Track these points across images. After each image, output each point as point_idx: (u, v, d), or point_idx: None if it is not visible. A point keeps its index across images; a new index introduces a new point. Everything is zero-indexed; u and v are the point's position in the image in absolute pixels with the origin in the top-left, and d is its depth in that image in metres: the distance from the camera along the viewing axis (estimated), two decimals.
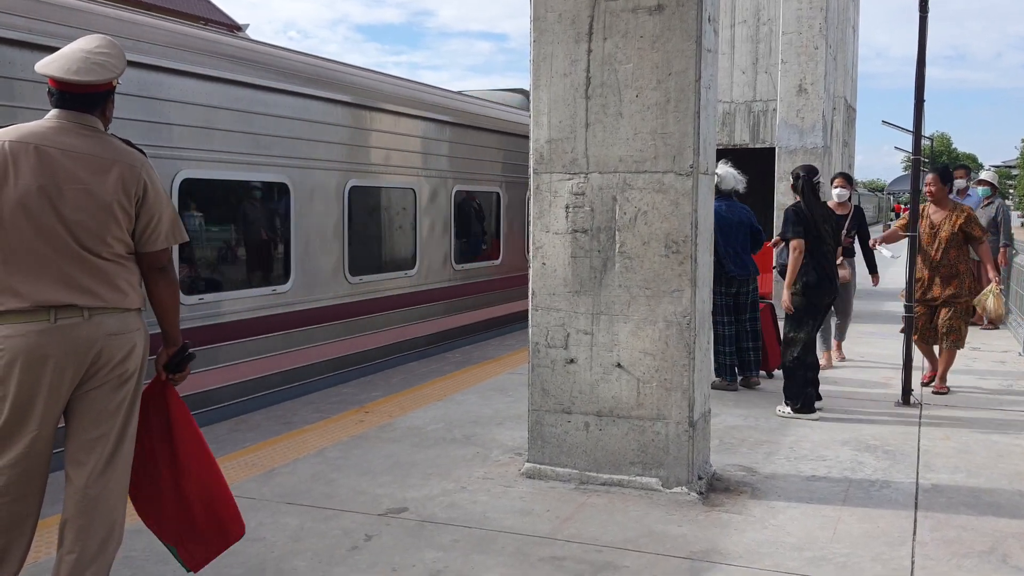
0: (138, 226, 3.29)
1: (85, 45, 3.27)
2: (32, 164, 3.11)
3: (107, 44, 3.30)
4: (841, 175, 8.92)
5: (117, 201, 3.20)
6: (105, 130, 3.31)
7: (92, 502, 3.21)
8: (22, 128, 3.18)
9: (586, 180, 4.90)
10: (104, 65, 3.24)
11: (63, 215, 3.13)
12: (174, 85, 6.42)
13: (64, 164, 3.14)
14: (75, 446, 3.23)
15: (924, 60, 7.20)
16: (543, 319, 5.04)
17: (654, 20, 4.71)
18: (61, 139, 3.17)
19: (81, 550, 3.20)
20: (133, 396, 3.31)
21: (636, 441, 4.88)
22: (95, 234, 3.17)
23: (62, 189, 3.13)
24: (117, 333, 3.21)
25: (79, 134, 3.21)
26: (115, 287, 3.21)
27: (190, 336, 4.03)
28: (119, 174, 3.21)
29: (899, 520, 4.51)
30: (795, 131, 12.12)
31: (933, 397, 7.32)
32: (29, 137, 3.15)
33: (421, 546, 4.12)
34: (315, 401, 7.22)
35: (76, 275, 3.14)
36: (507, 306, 11.49)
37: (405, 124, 9.12)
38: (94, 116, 3.27)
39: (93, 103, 3.26)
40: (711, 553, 4.05)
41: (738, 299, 7.67)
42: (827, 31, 12.03)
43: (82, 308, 3.14)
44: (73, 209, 3.14)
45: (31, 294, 3.09)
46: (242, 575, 3.80)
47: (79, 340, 3.14)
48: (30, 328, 3.09)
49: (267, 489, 4.89)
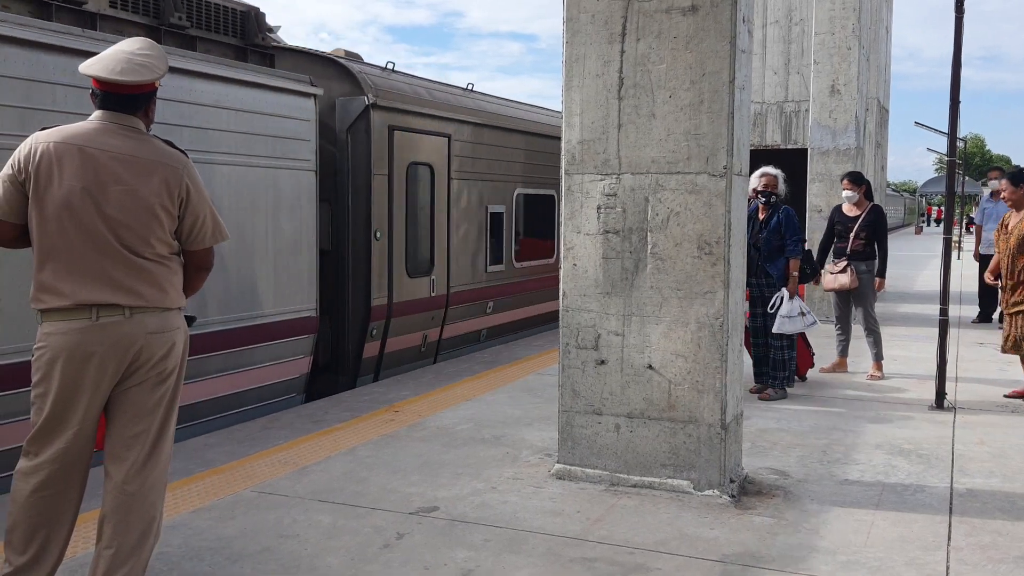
0: (183, 227, 3.35)
1: (128, 47, 3.33)
2: (76, 165, 3.16)
3: (149, 46, 3.36)
4: (847, 176, 8.61)
5: (160, 202, 3.25)
6: (147, 131, 3.36)
7: (130, 498, 3.26)
8: (66, 129, 3.23)
9: (618, 181, 4.90)
10: (147, 66, 3.29)
11: (106, 215, 3.18)
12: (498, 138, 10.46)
13: (108, 165, 3.19)
14: (114, 442, 3.28)
15: (960, 61, 7.12)
16: (574, 320, 5.04)
17: (688, 21, 4.70)
18: (105, 140, 3.22)
19: (119, 546, 3.25)
20: (172, 394, 3.36)
21: (667, 443, 4.87)
22: (137, 234, 3.22)
23: (106, 190, 3.18)
24: (157, 331, 3.26)
25: (122, 135, 3.26)
26: (157, 286, 3.26)
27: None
28: (162, 176, 3.26)
29: (933, 525, 4.46)
30: (828, 132, 12.03)
31: (967, 401, 7.22)
32: (73, 138, 3.20)
33: (452, 545, 4.14)
34: (346, 400, 7.27)
35: (118, 274, 3.19)
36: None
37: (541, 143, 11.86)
38: (136, 117, 3.32)
39: (136, 104, 3.31)
40: (743, 556, 4.03)
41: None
42: (860, 31, 11.93)
43: (124, 307, 3.19)
44: (116, 209, 3.19)
45: (73, 293, 3.15)
46: (276, 571, 3.83)
47: (120, 338, 3.19)
48: (72, 326, 3.15)
49: (300, 487, 4.93)
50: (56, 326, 3.16)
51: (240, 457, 5.54)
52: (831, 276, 8.34)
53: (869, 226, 8.29)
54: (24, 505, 3.20)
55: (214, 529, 4.29)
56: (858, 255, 8.28)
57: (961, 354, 9.29)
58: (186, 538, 4.17)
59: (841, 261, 8.31)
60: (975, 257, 12.47)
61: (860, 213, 8.35)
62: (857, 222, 8.31)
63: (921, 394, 7.39)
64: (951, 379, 7.58)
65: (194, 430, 6.32)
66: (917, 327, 11.11)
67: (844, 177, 8.62)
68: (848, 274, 8.21)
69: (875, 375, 8.19)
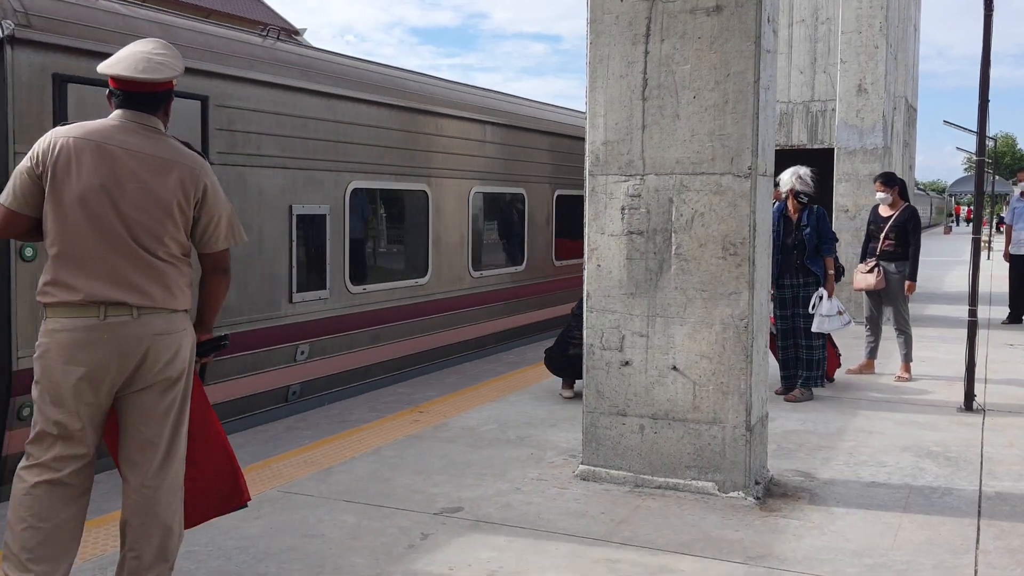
0: (197, 228, 3.35)
1: (143, 47, 3.35)
2: (95, 161, 3.17)
3: (163, 45, 3.39)
4: (879, 177, 8.52)
5: (176, 201, 3.25)
6: (165, 130, 3.38)
7: (148, 502, 3.25)
8: (86, 126, 3.25)
9: (642, 182, 4.89)
10: (166, 65, 3.31)
11: (122, 212, 3.18)
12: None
13: (126, 163, 3.20)
14: (128, 446, 3.28)
15: (989, 59, 7.04)
16: (598, 321, 5.04)
17: (712, 21, 4.68)
18: (123, 138, 3.24)
19: (141, 550, 3.25)
20: (183, 398, 3.34)
21: (692, 444, 4.85)
22: (152, 233, 3.22)
23: (123, 187, 3.18)
24: (164, 333, 3.24)
25: (142, 134, 3.28)
26: (166, 287, 3.25)
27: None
28: (179, 175, 3.27)
29: (961, 528, 4.42)
30: (855, 131, 11.93)
31: (996, 403, 7.15)
32: (92, 135, 3.21)
33: (476, 546, 4.15)
34: (371, 400, 7.30)
35: (129, 273, 3.18)
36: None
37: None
38: (155, 117, 3.34)
39: (156, 103, 3.33)
40: (768, 558, 4.01)
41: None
42: (887, 30, 11.82)
43: (132, 306, 3.17)
44: (132, 207, 3.19)
45: (84, 288, 3.13)
46: (301, 570, 3.86)
47: (127, 338, 3.17)
48: (78, 323, 3.13)
49: (325, 487, 4.96)
50: (61, 323, 3.14)
51: (266, 457, 5.58)
52: (860, 276, 8.28)
53: (899, 226, 8.18)
54: (26, 513, 3.14)
55: (240, 528, 4.33)
56: (888, 255, 8.19)
57: (991, 355, 9.19)
58: (212, 537, 4.21)
59: (870, 261, 8.25)
60: (1005, 257, 12.32)
61: (893, 213, 8.28)
62: (888, 223, 8.24)
63: (949, 396, 7.32)
64: (980, 381, 7.50)
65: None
66: (946, 328, 11.00)
67: (877, 179, 8.53)
68: (875, 274, 8.13)
69: (903, 376, 8.11)
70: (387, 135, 8.10)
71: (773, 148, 5.09)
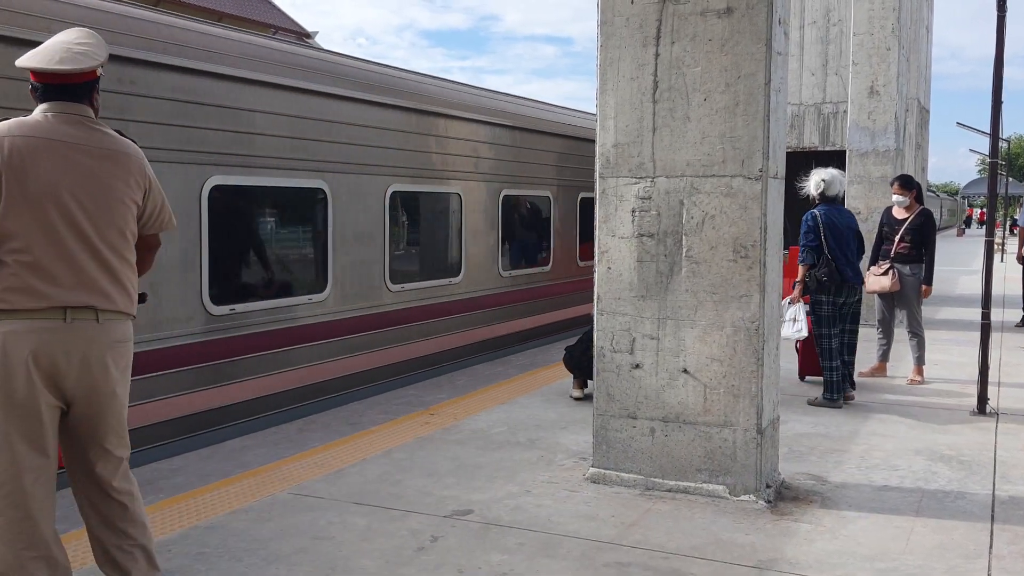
0: (143, 215, 3.31)
1: (65, 38, 3.24)
2: (51, 160, 3.06)
3: (87, 34, 3.28)
4: (897, 179, 8.47)
5: (129, 194, 3.20)
6: (97, 119, 3.28)
7: (124, 497, 3.28)
8: (25, 123, 3.11)
9: (653, 184, 4.88)
10: (87, 54, 3.20)
11: (87, 210, 3.10)
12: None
13: (80, 159, 3.11)
14: (88, 453, 3.22)
15: (1002, 60, 7.01)
16: (608, 323, 5.03)
17: (723, 23, 4.67)
18: (67, 131, 3.13)
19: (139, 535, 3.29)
20: (123, 400, 3.28)
21: (703, 448, 4.84)
22: (117, 228, 3.16)
23: (84, 185, 3.10)
24: (121, 341, 3.19)
25: (83, 125, 3.17)
26: (124, 290, 3.20)
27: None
28: (128, 167, 3.22)
29: (975, 532, 4.39)
30: (866, 133, 11.88)
31: (1010, 407, 7.10)
32: (37, 131, 3.09)
33: (487, 548, 4.14)
34: (381, 403, 7.31)
35: (95, 274, 3.11)
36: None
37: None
38: (85, 105, 3.22)
39: (80, 94, 3.21)
40: (780, 562, 4.00)
41: (842, 309, 7.31)
42: (900, 31, 11.78)
43: (97, 310, 3.10)
44: (95, 205, 3.12)
45: (49, 293, 3.03)
46: (311, 573, 3.86)
47: (88, 343, 3.09)
48: (39, 325, 3.02)
49: (335, 489, 4.96)
50: (22, 324, 3.00)
51: (277, 459, 5.59)
52: (874, 278, 8.25)
53: (915, 230, 8.15)
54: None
55: (251, 530, 4.33)
56: (902, 258, 8.16)
57: (1004, 359, 9.14)
58: (224, 538, 4.22)
59: (884, 263, 8.21)
60: (1018, 259, 12.25)
61: (908, 216, 8.25)
62: (904, 225, 8.20)
63: (962, 399, 7.28)
64: (993, 384, 7.45)
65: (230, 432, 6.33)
66: (959, 331, 10.94)
67: (894, 181, 8.49)
68: (889, 277, 8.10)
69: (915, 379, 8.07)
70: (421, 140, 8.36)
71: (784, 150, 5.08)
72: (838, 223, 7.22)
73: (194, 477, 5.25)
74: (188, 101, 6.26)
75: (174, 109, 6.17)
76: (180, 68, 6.19)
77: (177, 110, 6.19)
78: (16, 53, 3.53)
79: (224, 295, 6.59)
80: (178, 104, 6.19)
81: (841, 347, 7.27)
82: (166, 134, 6.11)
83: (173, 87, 6.16)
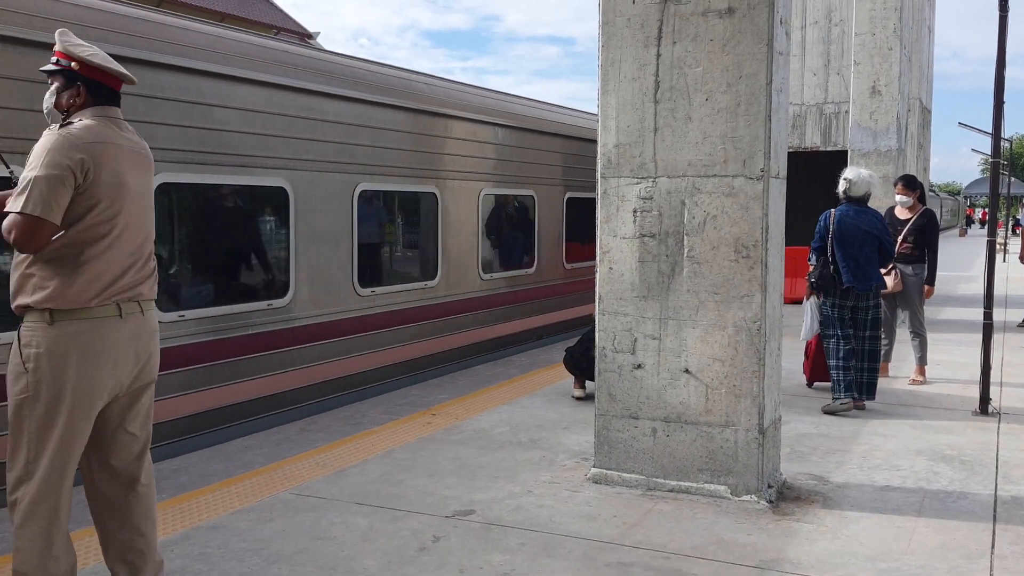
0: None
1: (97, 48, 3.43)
2: (121, 163, 3.22)
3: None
4: (900, 180, 8.44)
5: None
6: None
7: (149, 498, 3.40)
8: (91, 129, 3.18)
9: (654, 184, 4.88)
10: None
11: (145, 208, 3.32)
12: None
13: (136, 161, 3.30)
14: (119, 443, 3.33)
15: (1004, 60, 7.01)
16: (610, 324, 5.03)
17: (724, 23, 4.67)
18: (123, 135, 3.30)
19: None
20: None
21: (704, 448, 4.84)
22: (153, 225, 3.41)
23: (141, 186, 3.31)
24: (157, 330, 3.39)
25: (126, 127, 3.36)
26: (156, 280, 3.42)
27: None
28: (151, 166, 3.45)
29: (977, 532, 4.39)
30: (868, 133, 11.87)
31: (1012, 407, 7.10)
32: (104, 137, 3.21)
33: (488, 549, 4.14)
34: (384, 403, 7.31)
35: (150, 268, 3.34)
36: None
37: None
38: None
39: (119, 99, 3.41)
40: (781, 562, 4.00)
41: (856, 313, 7.06)
42: (901, 31, 11.77)
43: (149, 301, 3.32)
44: (147, 202, 3.33)
45: (114, 291, 3.20)
46: (313, 573, 3.87)
47: (152, 334, 3.31)
48: (95, 324, 3.15)
49: (337, 489, 4.97)
50: (79, 325, 3.12)
51: (279, 459, 5.60)
52: None
53: (918, 230, 8.17)
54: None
55: (253, 530, 4.34)
56: (904, 258, 8.14)
57: (1006, 359, 9.13)
58: (226, 539, 4.22)
59: None
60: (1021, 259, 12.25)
61: (911, 216, 8.24)
62: (906, 225, 8.20)
63: (964, 400, 7.27)
64: (995, 384, 7.44)
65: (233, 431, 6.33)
66: (961, 331, 10.93)
67: (898, 181, 8.49)
68: (893, 276, 8.09)
69: (917, 380, 8.06)
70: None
71: (786, 150, 5.08)
72: (852, 225, 6.96)
73: (196, 477, 5.25)
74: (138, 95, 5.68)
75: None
76: (136, 60, 5.66)
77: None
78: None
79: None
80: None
81: (862, 353, 7.01)
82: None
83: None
